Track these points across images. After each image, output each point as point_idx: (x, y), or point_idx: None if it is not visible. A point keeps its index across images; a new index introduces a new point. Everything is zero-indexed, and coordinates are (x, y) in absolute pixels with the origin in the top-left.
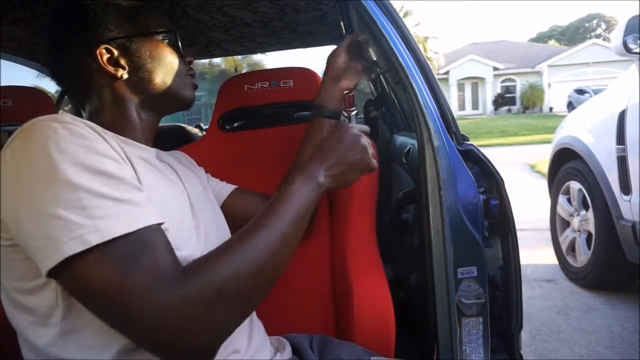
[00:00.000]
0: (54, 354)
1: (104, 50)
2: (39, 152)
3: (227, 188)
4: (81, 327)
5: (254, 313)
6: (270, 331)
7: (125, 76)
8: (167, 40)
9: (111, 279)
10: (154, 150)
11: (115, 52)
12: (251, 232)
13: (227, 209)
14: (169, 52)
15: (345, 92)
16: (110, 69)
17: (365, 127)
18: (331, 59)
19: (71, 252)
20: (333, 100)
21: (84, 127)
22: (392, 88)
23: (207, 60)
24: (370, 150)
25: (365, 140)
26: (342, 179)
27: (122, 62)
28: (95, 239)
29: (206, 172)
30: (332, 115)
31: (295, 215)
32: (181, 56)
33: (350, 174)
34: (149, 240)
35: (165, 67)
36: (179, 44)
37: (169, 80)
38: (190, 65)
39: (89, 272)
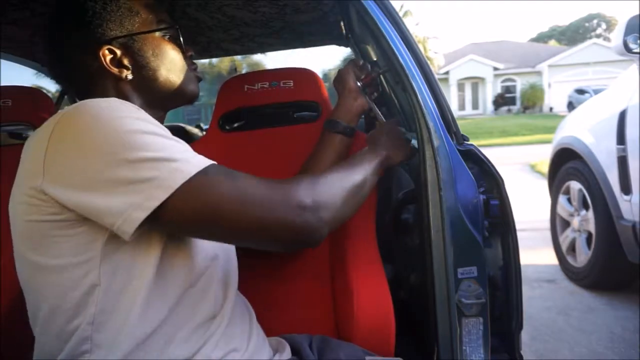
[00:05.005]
0: (86, 335)
1: (106, 51)
2: (100, 118)
3: None
4: (121, 305)
5: (253, 315)
6: (270, 332)
7: (130, 77)
8: (168, 36)
9: (227, 187)
10: None
11: (118, 52)
12: (329, 171)
13: None
14: (171, 48)
15: (362, 109)
16: (115, 70)
17: (397, 120)
18: (343, 76)
19: (180, 183)
20: (349, 116)
21: (127, 103)
22: (392, 88)
23: (207, 60)
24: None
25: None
26: (395, 153)
27: (126, 62)
28: (192, 169)
29: None
30: (345, 132)
31: (362, 168)
32: (183, 51)
33: (399, 151)
34: (227, 168)
35: (168, 63)
36: (181, 39)
37: (173, 76)
38: (193, 60)
39: (200, 194)
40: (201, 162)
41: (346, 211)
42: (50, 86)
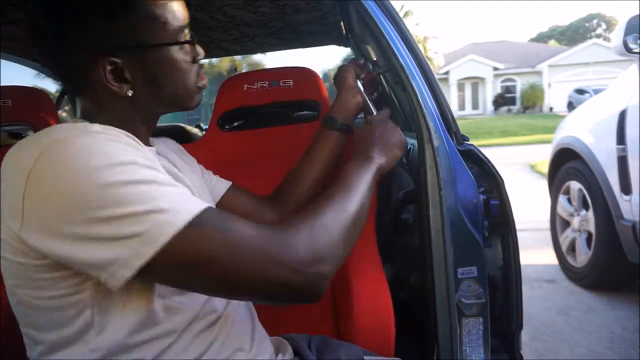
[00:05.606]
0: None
1: (107, 63)
2: (75, 163)
3: (222, 185)
4: (120, 325)
5: (255, 314)
6: (270, 332)
7: (130, 93)
8: (182, 48)
9: (216, 241)
10: (153, 148)
11: (120, 64)
12: (325, 203)
13: (223, 206)
14: (183, 58)
15: (360, 106)
16: (114, 87)
17: (388, 111)
18: (342, 74)
19: (168, 237)
20: (346, 113)
21: (117, 133)
22: (392, 88)
23: (207, 60)
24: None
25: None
26: (389, 156)
27: (127, 75)
28: (181, 221)
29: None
30: (343, 129)
31: (359, 190)
32: (194, 60)
33: (394, 150)
34: (222, 212)
35: (177, 75)
36: (197, 47)
37: (179, 90)
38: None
39: (190, 247)
40: (192, 209)
41: (347, 251)
42: (50, 86)
